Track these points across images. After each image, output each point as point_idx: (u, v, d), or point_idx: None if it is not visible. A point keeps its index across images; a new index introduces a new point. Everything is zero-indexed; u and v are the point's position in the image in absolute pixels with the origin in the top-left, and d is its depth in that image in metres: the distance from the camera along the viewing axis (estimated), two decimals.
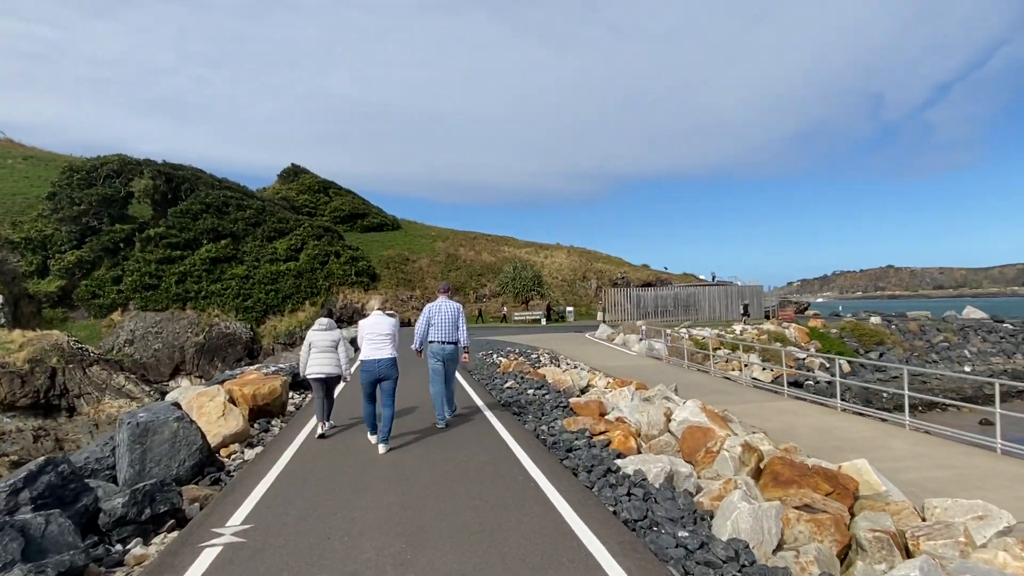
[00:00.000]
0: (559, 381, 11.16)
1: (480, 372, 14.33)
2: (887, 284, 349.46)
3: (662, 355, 20.14)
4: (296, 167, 63.90)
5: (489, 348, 20.40)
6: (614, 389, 11.84)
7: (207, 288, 43.10)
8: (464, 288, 50.25)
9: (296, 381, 13.07)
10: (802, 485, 5.93)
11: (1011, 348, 36.63)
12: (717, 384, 14.50)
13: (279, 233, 47.97)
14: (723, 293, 48.39)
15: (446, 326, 8.11)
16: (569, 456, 6.34)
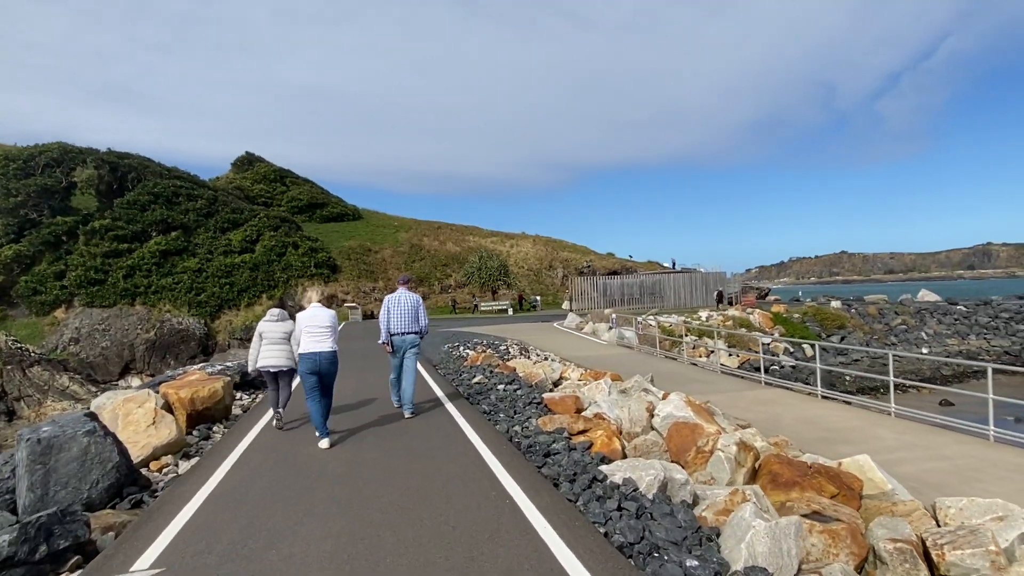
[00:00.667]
0: (531, 374, 10.45)
1: (446, 366, 13.52)
2: (841, 269, 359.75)
3: (633, 344, 19.64)
4: (251, 155, 61.58)
5: (456, 340, 19.59)
6: (589, 381, 11.19)
7: (157, 282, 41.13)
8: (429, 279, 49.20)
9: (245, 380, 12.07)
10: (805, 487, 5.35)
11: (965, 330, 37.40)
12: (692, 373, 14.01)
13: (233, 224, 46.07)
14: (687, 280, 48.50)
15: (406, 317, 8.12)
16: (548, 462, 5.60)
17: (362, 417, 8.31)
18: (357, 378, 11.98)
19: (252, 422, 8.39)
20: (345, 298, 44.56)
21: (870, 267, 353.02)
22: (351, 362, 14.90)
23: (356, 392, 10.47)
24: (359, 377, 12.08)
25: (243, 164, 60.81)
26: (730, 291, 50.21)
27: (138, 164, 45.90)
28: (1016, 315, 38.78)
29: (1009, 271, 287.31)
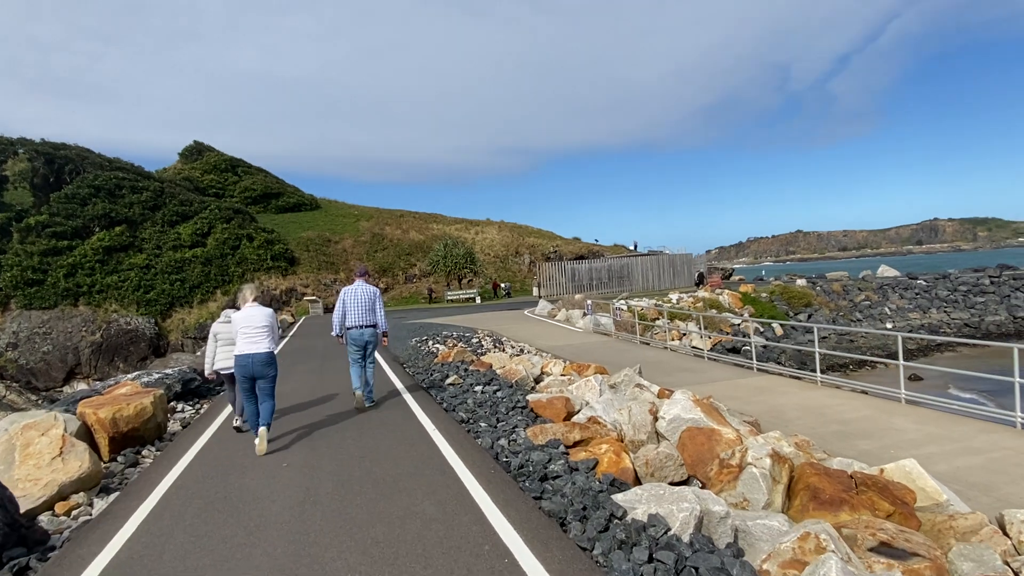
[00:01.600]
0: (510, 372, 9.41)
1: (415, 364, 12.37)
2: (797, 248, 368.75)
3: (609, 330, 18.79)
4: (200, 144, 58.62)
5: (423, 333, 18.42)
6: (573, 376, 10.22)
7: (102, 281, 38.66)
8: (392, 268, 47.65)
9: (189, 388, 10.74)
10: (856, 506, 4.45)
11: (926, 303, 37.90)
12: (677, 360, 13.18)
13: (182, 217, 43.65)
14: (655, 263, 48.11)
15: (362, 310, 8.08)
16: (547, 490, 4.56)
17: (320, 428, 7.15)
18: (316, 380, 10.79)
19: (190, 441, 7.16)
20: (305, 291, 42.77)
21: (824, 245, 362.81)
22: (309, 362, 13.65)
23: (314, 395, 9.31)
24: (318, 379, 10.89)
25: (192, 154, 57.85)
26: (696, 271, 50.11)
27: (76, 155, 43.02)
28: (973, 288, 39.49)
29: (955, 245, 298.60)
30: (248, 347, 6.54)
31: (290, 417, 7.95)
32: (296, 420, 7.78)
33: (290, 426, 7.46)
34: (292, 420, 7.79)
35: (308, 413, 8.14)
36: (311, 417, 7.91)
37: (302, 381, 10.81)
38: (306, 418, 7.86)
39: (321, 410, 8.28)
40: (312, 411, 8.24)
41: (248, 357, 6.50)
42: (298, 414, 8.08)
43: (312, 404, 8.73)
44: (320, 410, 8.28)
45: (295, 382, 10.72)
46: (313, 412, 8.17)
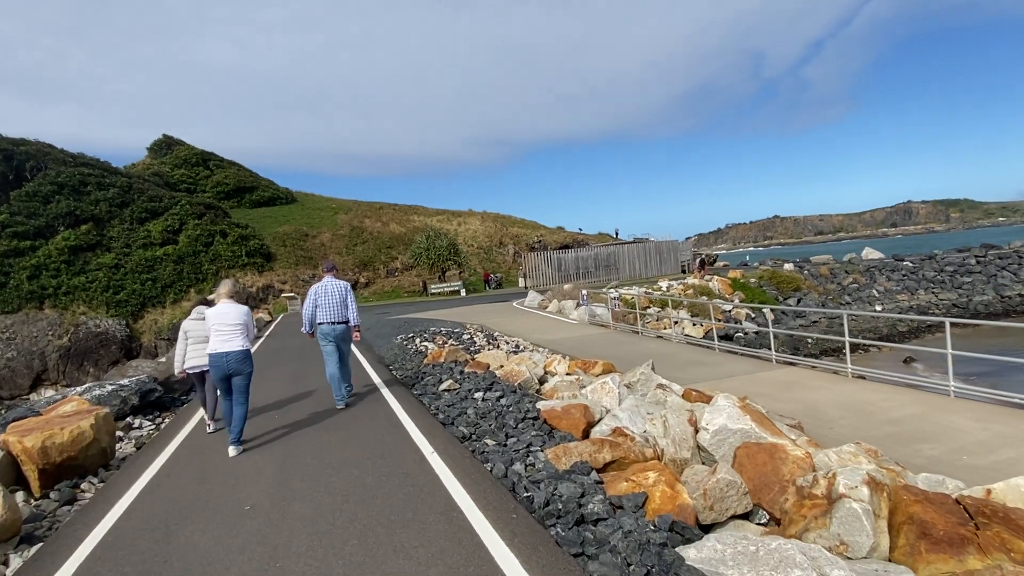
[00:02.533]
0: (511, 373, 8.32)
1: (402, 365, 11.23)
2: (774, 233, 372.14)
3: (605, 321, 17.80)
4: (169, 138, 56.40)
5: (409, 329, 17.25)
6: (579, 374, 9.19)
7: (68, 282, 36.82)
8: (373, 262, 46.26)
9: (147, 401, 9.52)
10: (984, 547, 3.47)
11: (913, 285, 37.67)
12: (686, 353, 12.20)
13: (152, 213, 41.80)
14: (641, 251, 47.40)
15: (334, 306, 7.98)
16: (588, 541, 3.46)
17: (295, 451, 6.03)
18: (291, 387, 9.63)
19: (141, 467, 6.00)
20: (283, 287, 41.27)
21: (801, 229, 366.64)
22: (284, 365, 12.47)
23: (287, 408, 8.15)
24: (293, 386, 9.73)
25: (161, 148, 55.64)
26: (683, 258, 49.52)
27: (36, 151, 40.86)
28: (960, 268, 39.38)
29: (928, 227, 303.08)
30: (222, 345, 6.37)
31: (259, 436, 6.80)
32: (267, 439, 6.64)
33: (259, 445, 6.33)
34: (262, 439, 6.65)
35: (280, 430, 6.98)
36: (284, 434, 6.77)
37: (275, 388, 9.63)
38: (278, 436, 6.72)
39: (297, 426, 7.12)
40: (285, 428, 7.07)
41: (223, 356, 6.34)
42: (268, 434, 6.90)
43: (284, 420, 7.55)
44: (295, 426, 7.13)
45: (267, 389, 9.53)
46: (286, 430, 7.01)
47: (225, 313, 6.47)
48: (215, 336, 6.41)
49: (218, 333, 6.40)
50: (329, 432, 6.71)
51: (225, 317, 6.45)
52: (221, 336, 6.39)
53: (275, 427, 7.19)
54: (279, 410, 8.11)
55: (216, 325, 6.43)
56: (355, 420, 7.05)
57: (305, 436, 6.64)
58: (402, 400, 7.89)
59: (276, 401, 8.61)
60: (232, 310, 6.53)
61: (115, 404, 8.48)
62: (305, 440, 6.49)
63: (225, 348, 6.36)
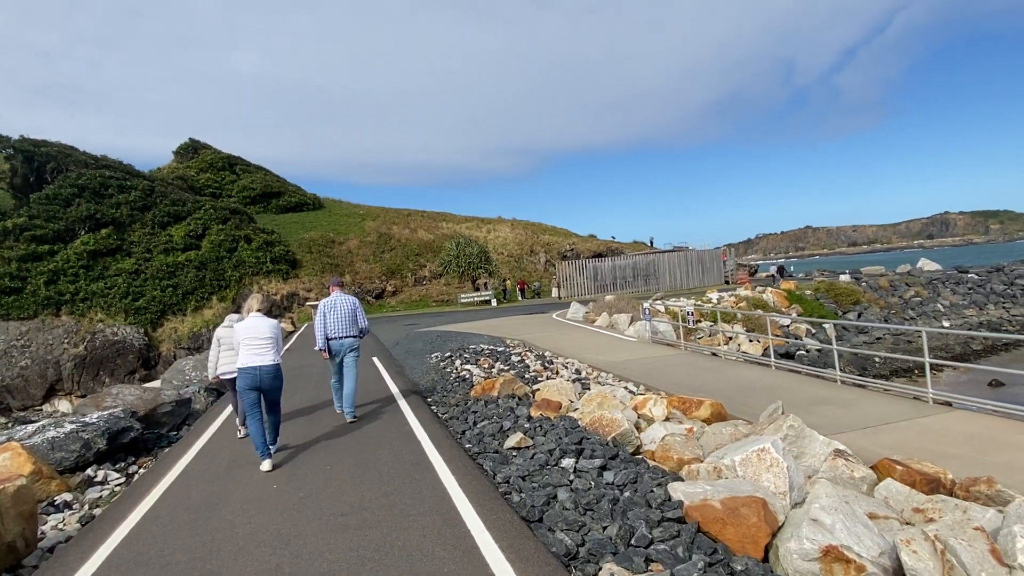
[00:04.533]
0: (600, 422, 6.02)
1: (443, 398, 8.92)
2: (806, 244, 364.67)
3: (671, 339, 15.43)
4: (195, 142, 55.43)
5: (444, 345, 15.08)
6: (681, 418, 6.88)
7: (86, 288, 35.56)
8: (401, 270, 44.35)
9: (121, 444, 7.41)
10: None
11: (981, 299, 34.89)
12: (797, 384, 9.77)
13: (174, 218, 40.48)
14: (682, 260, 44.83)
15: (343, 321, 7.82)
16: None
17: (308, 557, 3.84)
18: (306, 432, 7.50)
19: (115, 522, 3.87)
20: (308, 295, 39.55)
21: (834, 240, 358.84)
22: (301, 392, 10.34)
23: (299, 481, 6.00)
24: (309, 428, 7.60)
25: (187, 152, 54.67)
26: (725, 268, 46.87)
27: (58, 153, 39.87)
28: None
29: (966, 239, 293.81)
30: (253, 359, 6.22)
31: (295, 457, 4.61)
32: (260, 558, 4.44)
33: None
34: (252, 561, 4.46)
35: (284, 525, 4.77)
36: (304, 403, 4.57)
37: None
38: (275, 553, 4.52)
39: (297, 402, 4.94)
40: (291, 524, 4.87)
41: (254, 370, 6.18)
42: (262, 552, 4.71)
43: (294, 504, 5.32)
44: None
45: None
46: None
47: (256, 327, 6.32)
48: (247, 350, 6.22)
49: (249, 347, 6.22)
50: (349, 525, 4.46)
51: (256, 331, 6.29)
52: (252, 350, 6.21)
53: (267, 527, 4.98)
54: (282, 490, 5.90)
55: (247, 340, 6.25)
56: (391, 508, 4.70)
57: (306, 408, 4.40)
58: (452, 464, 5.52)
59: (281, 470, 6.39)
60: (263, 324, 6.37)
61: (72, 451, 6.42)
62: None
63: (256, 363, 6.18)
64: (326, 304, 7.90)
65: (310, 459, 6.08)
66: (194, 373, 10.80)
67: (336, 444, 6.50)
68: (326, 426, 7.47)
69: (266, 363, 6.25)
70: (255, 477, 5.69)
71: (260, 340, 6.30)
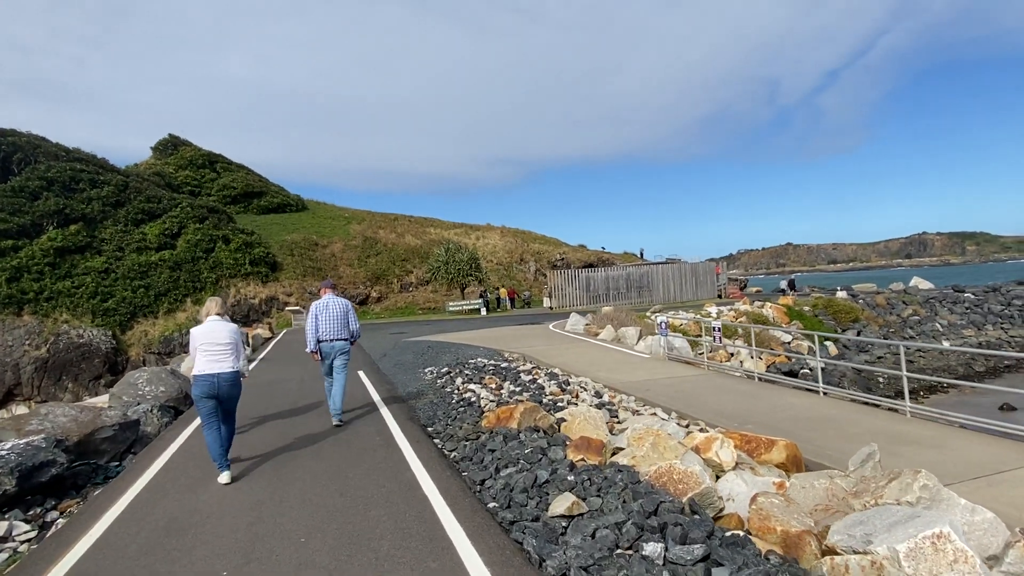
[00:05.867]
0: (668, 475, 4.50)
1: (447, 429, 7.19)
2: (787, 260, 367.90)
3: (687, 355, 14.07)
4: (175, 138, 53.31)
5: (440, 359, 13.56)
6: (751, 465, 5.48)
7: (52, 287, 33.43)
8: (387, 275, 42.66)
9: (38, 483, 5.81)
10: None
11: (979, 319, 34.38)
12: (856, 415, 8.40)
13: (149, 215, 38.47)
14: (676, 272, 43.70)
15: (336, 324, 7.84)
16: None
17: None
18: (273, 481, 5.96)
19: None
20: (288, 300, 37.71)
21: (815, 258, 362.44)
22: (272, 424, 8.75)
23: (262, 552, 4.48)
24: (277, 476, 6.07)
25: (166, 148, 52.52)
26: (719, 282, 45.86)
27: (26, 143, 37.71)
28: None
29: (944, 259, 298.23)
30: (212, 366, 5.88)
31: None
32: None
33: None
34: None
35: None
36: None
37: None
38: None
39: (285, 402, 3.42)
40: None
41: (212, 377, 5.85)
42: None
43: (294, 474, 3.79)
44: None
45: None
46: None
47: (215, 331, 6.02)
48: (204, 356, 5.92)
49: (207, 353, 5.93)
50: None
51: (216, 336, 6.00)
52: (211, 356, 5.92)
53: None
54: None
55: (205, 345, 5.94)
56: None
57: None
58: (481, 541, 3.89)
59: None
60: (222, 329, 6.07)
61: None
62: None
63: (216, 369, 5.90)
64: (318, 306, 7.87)
65: (281, 531, 4.48)
66: (149, 387, 9.15)
67: (317, 501, 4.89)
68: (302, 469, 5.92)
69: (225, 370, 5.92)
70: (216, 532, 4.17)
71: (219, 345, 5.96)
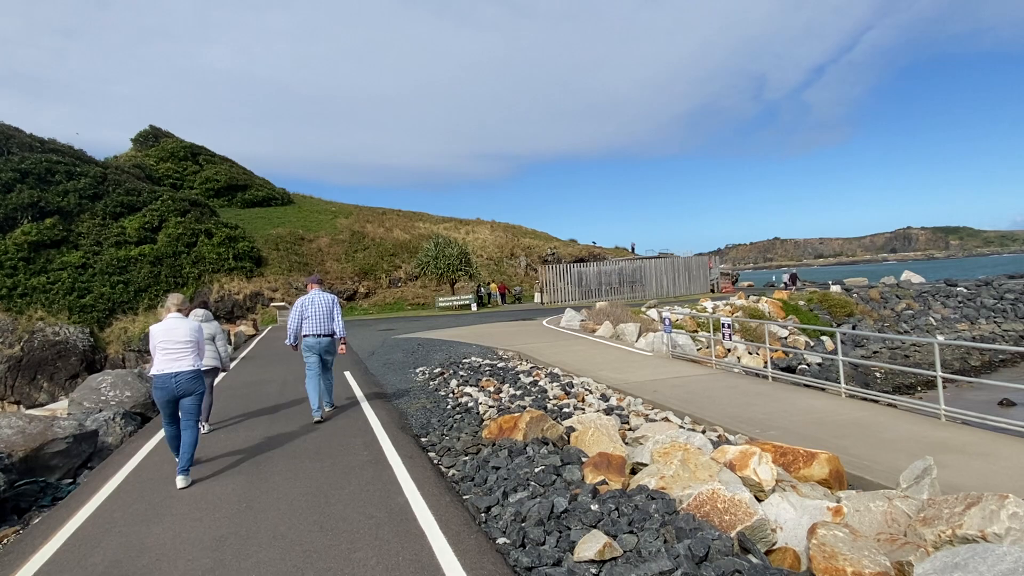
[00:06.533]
0: (714, 505, 3.83)
1: (442, 440, 6.28)
2: (774, 255, 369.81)
3: (691, 353, 13.43)
4: (156, 129, 51.88)
5: (429, 357, 12.79)
6: (791, 481, 4.80)
7: (26, 282, 32.31)
8: (375, 271, 41.75)
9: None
10: None
11: (972, 313, 34.21)
12: (886, 417, 7.75)
13: (128, 208, 37.28)
14: (669, 267, 43.17)
15: (321, 319, 7.85)
16: None
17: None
18: (248, 492, 5.20)
19: None
20: (273, 295, 36.74)
21: (801, 252, 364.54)
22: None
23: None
24: (252, 488, 5.30)
25: (147, 140, 51.10)
26: (712, 276, 45.42)
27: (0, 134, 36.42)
28: (1022, 295, 36.06)
29: (928, 253, 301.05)
30: (170, 365, 5.65)
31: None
32: None
33: None
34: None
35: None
36: None
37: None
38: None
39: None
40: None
41: (171, 377, 5.61)
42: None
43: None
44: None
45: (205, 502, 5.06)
46: None
47: (174, 329, 5.78)
48: (162, 355, 5.68)
49: (165, 352, 5.68)
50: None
51: (174, 333, 5.75)
52: (169, 355, 5.68)
53: None
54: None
55: (164, 343, 5.70)
56: None
57: None
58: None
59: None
60: (182, 326, 5.83)
61: None
62: None
63: (174, 368, 5.65)
64: (304, 301, 7.86)
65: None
66: (113, 392, 8.32)
67: (291, 536, 4.09)
68: (276, 492, 5.14)
69: (183, 368, 5.71)
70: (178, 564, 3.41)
71: (178, 343, 5.72)
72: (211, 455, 6.36)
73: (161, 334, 5.75)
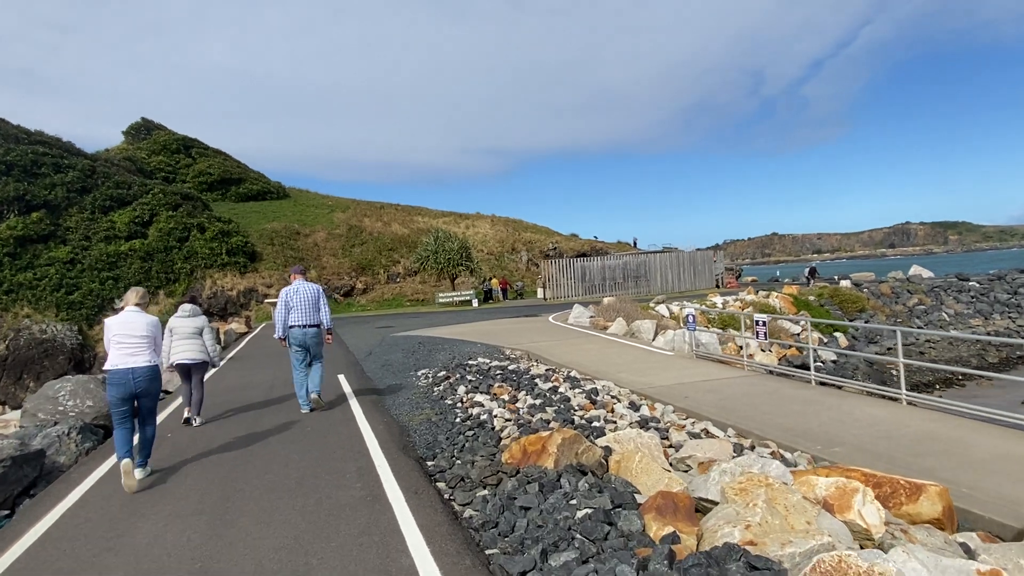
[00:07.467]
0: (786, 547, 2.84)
1: (455, 466, 5.10)
2: (773, 250, 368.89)
3: (716, 352, 12.39)
4: (148, 122, 50.65)
5: (431, 358, 11.74)
6: (902, 525, 3.77)
7: (12, 278, 31.25)
8: (372, 266, 40.64)
9: None
10: None
11: (987, 308, 33.36)
12: (966, 432, 6.72)
13: (118, 202, 36.13)
14: (674, 261, 42.15)
15: (306, 309, 7.77)
16: None
17: None
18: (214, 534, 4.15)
19: None
20: (268, 291, 35.63)
21: (800, 247, 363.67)
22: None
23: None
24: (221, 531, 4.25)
25: (139, 132, 49.88)
26: (716, 271, 44.46)
27: None
28: None
29: (927, 248, 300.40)
30: (126, 360, 5.38)
31: None
32: None
33: None
34: None
35: None
36: None
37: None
38: None
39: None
40: None
41: (127, 373, 5.33)
42: None
43: None
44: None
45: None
46: None
47: (131, 323, 5.55)
48: (117, 349, 5.41)
49: (121, 346, 5.42)
50: None
51: (130, 328, 5.53)
52: (125, 349, 5.42)
53: None
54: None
55: (118, 336, 5.46)
56: None
57: None
58: None
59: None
60: (139, 320, 5.60)
61: None
62: None
63: (130, 364, 5.37)
64: (289, 292, 7.78)
65: None
66: (72, 402, 7.25)
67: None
68: (242, 546, 4.08)
69: (140, 364, 5.47)
70: None
71: (134, 338, 5.52)
72: (168, 479, 5.32)
73: (116, 327, 5.51)
